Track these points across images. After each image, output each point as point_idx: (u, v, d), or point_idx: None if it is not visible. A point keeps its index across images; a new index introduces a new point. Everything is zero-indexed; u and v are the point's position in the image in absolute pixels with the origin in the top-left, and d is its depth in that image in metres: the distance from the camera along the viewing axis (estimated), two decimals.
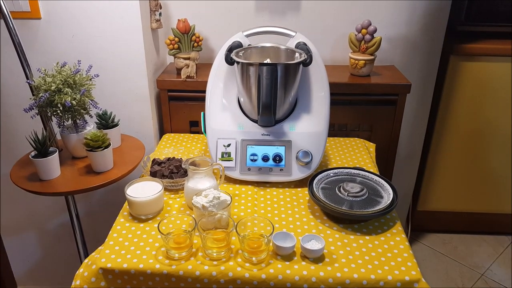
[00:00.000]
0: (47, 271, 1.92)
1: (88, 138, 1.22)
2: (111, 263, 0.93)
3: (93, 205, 1.75)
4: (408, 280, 0.89)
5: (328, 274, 0.90)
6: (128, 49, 1.43)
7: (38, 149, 1.20)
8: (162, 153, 1.35)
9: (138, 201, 1.06)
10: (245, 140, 1.23)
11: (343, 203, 1.07)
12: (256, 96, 1.18)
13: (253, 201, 1.15)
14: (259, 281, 0.90)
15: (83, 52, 1.43)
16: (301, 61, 1.17)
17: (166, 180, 1.17)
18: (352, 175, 1.21)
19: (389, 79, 1.53)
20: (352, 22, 1.54)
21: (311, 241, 0.96)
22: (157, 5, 1.48)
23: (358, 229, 1.04)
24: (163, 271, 0.91)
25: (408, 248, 0.99)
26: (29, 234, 1.82)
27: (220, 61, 1.26)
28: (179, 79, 1.51)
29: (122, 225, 1.06)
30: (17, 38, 1.23)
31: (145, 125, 1.56)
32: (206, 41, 1.64)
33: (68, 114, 1.24)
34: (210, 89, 1.29)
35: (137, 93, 1.50)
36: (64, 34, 1.42)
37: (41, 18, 1.39)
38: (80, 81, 1.24)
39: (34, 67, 1.28)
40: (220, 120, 1.27)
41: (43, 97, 1.19)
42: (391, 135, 1.58)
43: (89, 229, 1.72)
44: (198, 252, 0.96)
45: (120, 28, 1.40)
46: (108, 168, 1.27)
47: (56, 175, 1.24)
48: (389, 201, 1.08)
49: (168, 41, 1.51)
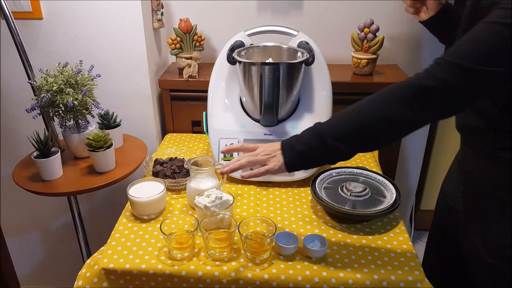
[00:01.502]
0: (49, 271, 1.92)
1: (90, 138, 1.22)
2: (114, 264, 0.93)
3: (95, 205, 1.75)
4: (411, 280, 0.89)
5: (331, 274, 0.90)
6: (130, 49, 1.43)
7: (40, 150, 1.20)
8: (164, 153, 1.35)
9: (141, 201, 1.05)
10: (247, 139, 1.23)
11: (346, 203, 1.06)
12: (258, 95, 1.17)
13: (255, 201, 1.15)
14: (262, 281, 0.90)
15: (85, 52, 1.43)
16: (303, 60, 1.17)
17: (168, 180, 1.17)
18: (354, 174, 1.20)
19: (392, 78, 1.53)
20: (355, 21, 1.54)
21: (313, 241, 0.96)
22: (159, 5, 1.48)
23: (361, 229, 1.04)
24: (165, 272, 0.91)
25: (411, 247, 0.98)
26: (31, 234, 1.83)
27: (222, 60, 1.26)
28: (181, 79, 1.51)
29: (124, 225, 1.06)
30: (19, 38, 1.23)
31: (147, 125, 1.56)
32: (208, 40, 1.64)
33: (70, 114, 1.24)
34: (212, 89, 1.29)
35: (139, 93, 1.50)
36: (66, 34, 1.42)
37: (43, 18, 1.39)
38: (82, 81, 1.24)
39: (36, 67, 1.28)
40: (222, 119, 1.27)
41: (45, 98, 1.19)
42: None
43: (91, 229, 1.72)
44: (200, 252, 0.96)
45: (122, 28, 1.40)
46: (110, 168, 1.27)
47: (58, 175, 1.24)
48: (392, 200, 1.07)
49: (170, 41, 1.51)
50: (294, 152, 0.85)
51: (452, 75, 0.71)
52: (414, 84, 0.75)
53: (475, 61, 0.70)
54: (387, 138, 0.82)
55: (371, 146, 0.85)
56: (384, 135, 0.80)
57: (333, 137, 0.80)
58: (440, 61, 0.74)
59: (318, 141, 0.81)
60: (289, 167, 0.85)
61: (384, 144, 0.84)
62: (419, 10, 1.12)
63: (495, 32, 0.69)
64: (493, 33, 0.70)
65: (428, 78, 0.74)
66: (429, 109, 0.75)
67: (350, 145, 0.81)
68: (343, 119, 0.82)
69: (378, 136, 0.80)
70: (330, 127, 0.82)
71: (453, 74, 0.71)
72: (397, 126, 0.78)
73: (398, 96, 0.76)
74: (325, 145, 0.81)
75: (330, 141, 0.80)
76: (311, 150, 0.82)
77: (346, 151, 0.81)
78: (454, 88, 0.72)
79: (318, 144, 0.81)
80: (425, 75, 0.75)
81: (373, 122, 0.78)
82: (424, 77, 0.75)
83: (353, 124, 0.80)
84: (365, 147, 0.85)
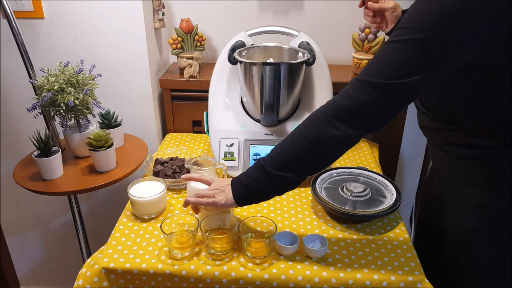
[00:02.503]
0: (50, 270, 1.93)
1: (91, 137, 1.22)
2: (114, 263, 0.93)
3: (96, 205, 1.75)
4: (411, 281, 0.89)
5: (331, 274, 0.90)
6: (131, 49, 1.43)
7: (41, 149, 1.20)
8: (165, 152, 1.35)
9: (141, 201, 1.06)
10: (248, 139, 1.23)
11: (346, 203, 1.06)
12: (259, 95, 1.18)
13: None
14: (262, 281, 0.90)
15: (86, 52, 1.43)
16: (304, 61, 1.17)
17: (169, 180, 1.17)
18: (355, 175, 1.20)
19: None
20: (355, 22, 1.54)
21: (314, 241, 0.96)
22: (160, 5, 1.48)
23: (361, 229, 1.04)
24: (165, 271, 0.91)
25: (412, 248, 0.98)
26: (32, 233, 1.83)
27: (223, 60, 1.26)
28: (182, 79, 1.51)
29: (125, 224, 1.06)
30: (20, 37, 1.23)
31: (148, 124, 1.56)
32: (209, 40, 1.64)
33: (71, 113, 1.24)
34: (213, 89, 1.29)
35: (140, 92, 1.50)
36: (67, 33, 1.42)
37: (44, 17, 1.40)
38: (83, 80, 1.24)
39: (37, 66, 1.28)
40: (223, 119, 1.27)
41: (46, 97, 1.19)
42: (394, 135, 1.57)
43: (92, 228, 1.72)
44: (201, 252, 0.96)
45: (123, 27, 1.40)
46: (111, 168, 1.27)
47: (59, 174, 1.24)
48: (392, 201, 1.07)
49: (171, 41, 1.51)
50: (241, 186, 0.90)
51: (364, 92, 0.77)
52: (332, 105, 0.82)
53: (382, 77, 0.76)
54: (324, 159, 0.86)
55: (311, 168, 0.89)
56: (319, 156, 0.85)
57: (273, 168, 0.85)
58: (353, 80, 0.80)
59: (261, 173, 0.87)
60: (237, 201, 0.91)
61: (323, 165, 0.91)
62: (380, 24, 1.19)
63: (393, 49, 0.76)
64: (393, 51, 0.76)
65: (344, 98, 0.81)
66: (351, 126, 0.80)
67: (293, 172, 0.86)
68: (279, 149, 0.87)
69: (314, 158, 0.85)
70: (270, 159, 0.87)
71: (364, 91, 0.77)
72: (327, 145, 0.83)
73: (321, 118, 0.83)
74: (267, 176, 0.86)
75: (271, 172, 0.85)
76: (257, 183, 0.88)
77: (291, 178, 0.86)
78: (368, 103, 0.77)
79: (262, 176, 0.87)
80: (342, 95, 0.81)
81: (305, 145, 0.83)
82: (341, 97, 0.82)
83: (288, 151, 0.85)
84: (306, 171, 0.88)
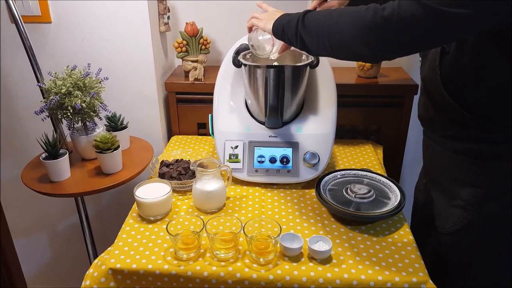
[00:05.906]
0: (57, 271, 1.94)
1: (97, 140, 1.23)
2: (120, 264, 0.94)
3: (102, 206, 1.76)
4: (415, 282, 0.89)
5: (335, 275, 0.90)
6: (137, 52, 1.44)
7: (48, 151, 1.22)
8: (170, 155, 1.36)
9: (147, 202, 1.07)
10: (252, 141, 1.24)
11: (351, 205, 1.07)
12: (263, 98, 1.18)
13: (260, 202, 1.16)
14: (267, 282, 0.90)
15: (92, 55, 1.45)
16: (308, 63, 1.18)
17: (175, 182, 1.18)
18: (359, 176, 1.21)
19: (396, 80, 1.53)
20: None
21: (318, 242, 0.97)
22: (165, 9, 1.50)
23: (365, 231, 1.04)
24: (171, 272, 0.92)
25: (416, 249, 0.98)
26: (39, 235, 1.85)
27: (228, 63, 1.27)
28: (187, 82, 1.52)
29: (131, 226, 1.07)
30: (28, 42, 1.25)
31: (153, 127, 1.57)
32: (214, 43, 1.65)
33: (78, 116, 1.26)
34: (218, 92, 1.30)
35: (146, 95, 1.51)
36: (74, 37, 1.43)
37: (52, 22, 1.41)
38: (89, 84, 1.25)
39: (45, 70, 1.30)
40: (227, 122, 1.28)
41: (54, 100, 1.20)
42: (398, 137, 1.57)
43: (98, 230, 1.73)
44: (206, 253, 0.97)
45: (129, 31, 1.41)
46: (117, 170, 1.29)
47: (66, 176, 1.25)
48: (396, 202, 1.08)
49: (176, 44, 1.53)
50: (282, 20, 0.97)
51: (416, 10, 0.72)
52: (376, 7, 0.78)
53: (439, 3, 0.70)
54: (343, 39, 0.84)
55: (334, 43, 0.86)
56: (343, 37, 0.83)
57: (306, 21, 0.89)
58: None
59: (299, 16, 0.91)
60: (273, 30, 0.99)
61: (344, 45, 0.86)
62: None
63: None
64: None
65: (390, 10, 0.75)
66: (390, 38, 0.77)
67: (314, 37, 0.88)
68: (326, 14, 0.88)
69: (340, 33, 0.84)
70: (313, 14, 0.90)
71: (418, 7, 0.72)
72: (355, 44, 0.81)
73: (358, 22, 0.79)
74: (302, 21, 0.90)
75: (301, 23, 0.90)
76: (291, 21, 0.93)
77: (309, 41, 0.89)
78: (420, 20, 0.72)
79: (298, 19, 0.91)
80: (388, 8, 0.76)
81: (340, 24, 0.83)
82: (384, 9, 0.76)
83: (326, 20, 0.86)
84: (327, 43, 0.87)
